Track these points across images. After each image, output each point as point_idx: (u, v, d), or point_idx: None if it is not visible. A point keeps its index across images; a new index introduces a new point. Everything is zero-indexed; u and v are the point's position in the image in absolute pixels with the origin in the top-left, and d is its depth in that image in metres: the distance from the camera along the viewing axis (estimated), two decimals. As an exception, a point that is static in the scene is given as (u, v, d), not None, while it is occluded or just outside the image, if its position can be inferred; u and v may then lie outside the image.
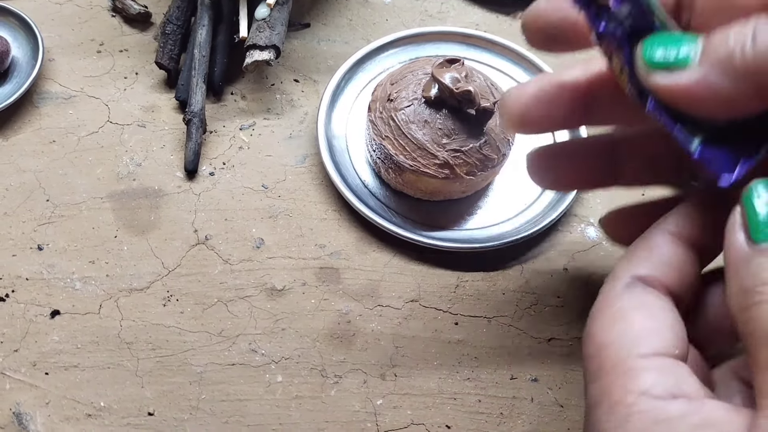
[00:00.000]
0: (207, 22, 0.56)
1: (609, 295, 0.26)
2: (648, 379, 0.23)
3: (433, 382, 0.45)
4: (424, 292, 0.49)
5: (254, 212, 0.51)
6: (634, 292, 0.26)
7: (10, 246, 0.49)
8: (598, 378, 0.24)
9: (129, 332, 0.46)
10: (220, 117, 0.56)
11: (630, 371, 0.23)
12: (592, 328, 0.26)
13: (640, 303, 0.25)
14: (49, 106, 0.55)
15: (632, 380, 0.23)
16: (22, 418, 0.43)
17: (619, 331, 0.24)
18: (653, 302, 0.25)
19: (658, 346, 0.24)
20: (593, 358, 0.25)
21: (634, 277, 0.26)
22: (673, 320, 0.25)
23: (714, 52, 0.24)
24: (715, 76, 0.23)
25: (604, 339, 0.25)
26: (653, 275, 0.26)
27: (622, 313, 0.25)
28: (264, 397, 0.44)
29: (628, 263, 0.27)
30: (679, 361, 0.24)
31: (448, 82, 0.46)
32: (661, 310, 0.25)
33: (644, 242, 0.27)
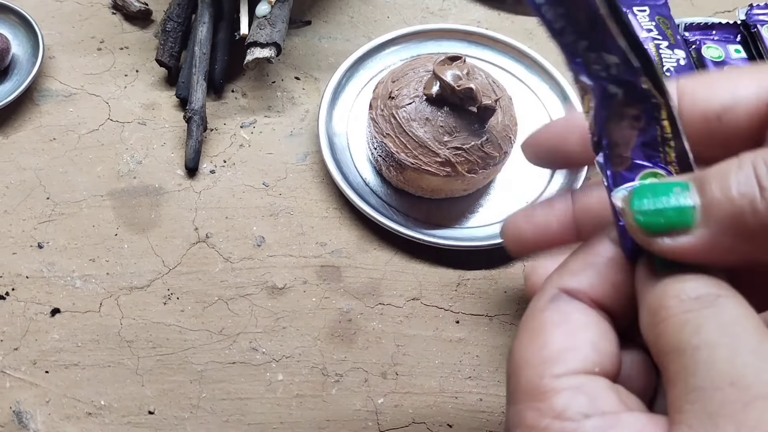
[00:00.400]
0: (208, 19, 0.56)
1: (533, 309, 0.25)
2: (560, 401, 0.22)
3: (435, 381, 0.45)
4: (425, 290, 0.48)
5: (255, 210, 0.51)
6: (557, 306, 0.24)
7: (11, 244, 0.49)
8: (514, 401, 0.23)
9: (129, 330, 0.46)
10: (220, 114, 0.56)
11: (543, 394, 0.22)
12: (514, 344, 0.25)
13: (561, 318, 0.24)
14: (49, 104, 0.55)
15: (544, 403, 0.22)
16: (23, 417, 0.43)
17: (537, 350, 0.23)
18: (576, 318, 0.24)
19: (575, 366, 0.23)
20: (511, 377, 0.24)
21: (560, 290, 0.25)
22: (597, 335, 0.24)
23: (719, 211, 0.21)
24: (727, 239, 0.21)
25: (521, 358, 0.24)
26: (580, 288, 0.25)
27: (540, 329, 0.24)
28: (265, 395, 0.44)
29: (557, 275, 0.26)
30: (595, 377, 0.23)
31: (450, 79, 0.46)
32: (583, 326, 0.24)
33: (581, 252, 0.26)
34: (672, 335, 0.22)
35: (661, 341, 0.22)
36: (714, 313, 0.21)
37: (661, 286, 0.23)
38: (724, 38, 0.61)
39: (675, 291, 0.22)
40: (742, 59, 0.59)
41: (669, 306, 0.22)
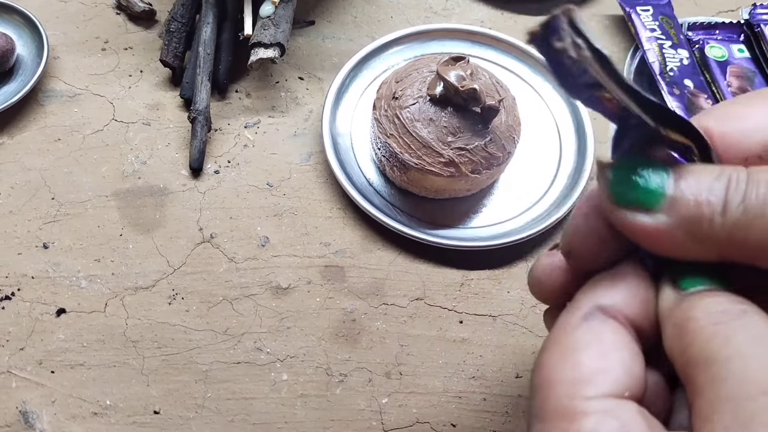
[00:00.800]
0: (212, 19, 0.56)
1: (565, 326, 0.25)
2: (590, 425, 0.22)
3: (438, 381, 0.45)
4: (429, 290, 0.49)
5: (259, 210, 0.51)
6: (591, 325, 0.24)
7: (16, 244, 0.49)
8: (541, 417, 0.23)
9: (134, 330, 0.46)
10: (224, 115, 0.56)
11: (573, 415, 0.22)
12: (543, 359, 0.25)
13: (594, 338, 0.24)
14: (54, 104, 0.55)
15: (573, 424, 0.22)
16: (29, 417, 0.43)
17: (568, 369, 0.23)
18: (609, 338, 0.24)
19: (606, 389, 0.23)
20: (539, 392, 0.24)
21: (594, 308, 0.25)
22: (629, 358, 0.24)
23: (684, 208, 0.23)
24: (680, 233, 0.23)
25: (551, 375, 0.24)
26: (615, 306, 0.25)
27: (573, 348, 0.24)
28: (269, 395, 0.44)
29: (590, 291, 0.26)
30: (626, 401, 0.23)
31: (454, 80, 0.46)
32: (616, 347, 0.24)
33: (611, 270, 0.26)
34: (701, 346, 0.22)
35: (688, 352, 0.22)
36: (742, 325, 0.22)
37: (688, 301, 0.23)
38: (728, 38, 0.61)
39: (702, 304, 0.23)
40: (745, 59, 0.59)
41: (697, 317, 0.23)
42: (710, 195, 0.22)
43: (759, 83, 0.58)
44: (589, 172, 0.52)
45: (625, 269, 0.26)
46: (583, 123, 0.55)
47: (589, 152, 0.54)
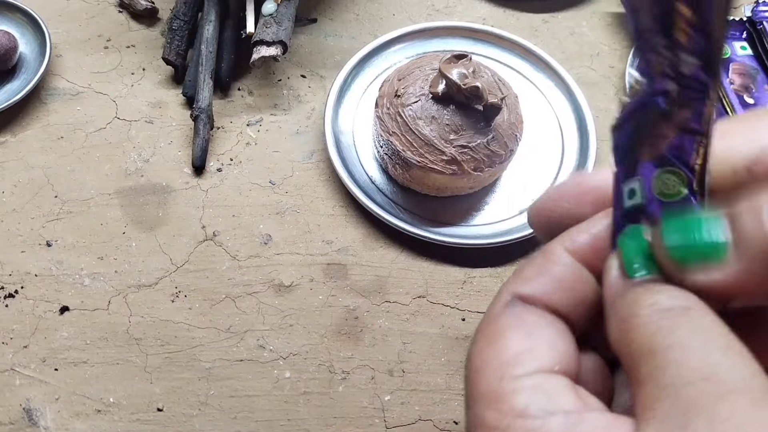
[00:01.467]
0: (214, 17, 0.56)
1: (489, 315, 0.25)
2: (521, 400, 0.22)
3: (441, 378, 0.45)
4: (431, 288, 0.49)
5: (261, 208, 0.51)
6: (512, 311, 0.25)
7: (19, 242, 0.49)
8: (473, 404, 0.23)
9: (138, 328, 0.46)
10: (227, 113, 0.56)
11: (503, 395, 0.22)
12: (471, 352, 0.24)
13: (517, 322, 0.24)
14: (56, 102, 0.55)
15: (505, 403, 0.22)
16: (33, 414, 0.43)
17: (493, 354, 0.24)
18: (531, 319, 0.24)
19: (534, 366, 0.23)
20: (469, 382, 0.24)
21: (514, 296, 0.25)
22: (554, 336, 0.24)
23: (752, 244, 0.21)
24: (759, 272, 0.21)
25: (479, 363, 0.24)
26: (534, 294, 0.25)
27: (497, 333, 0.24)
28: (272, 392, 0.44)
29: (512, 281, 0.26)
30: (554, 375, 0.23)
31: (456, 77, 0.46)
32: (539, 328, 0.24)
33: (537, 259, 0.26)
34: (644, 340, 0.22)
35: (632, 346, 0.22)
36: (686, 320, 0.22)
37: (632, 295, 0.23)
38: (730, 35, 0.61)
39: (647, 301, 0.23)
40: (747, 56, 0.59)
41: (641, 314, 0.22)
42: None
43: (761, 80, 0.58)
44: (591, 170, 0.52)
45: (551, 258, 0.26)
46: (585, 120, 0.55)
47: (591, 150, 0.54)
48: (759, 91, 0.57)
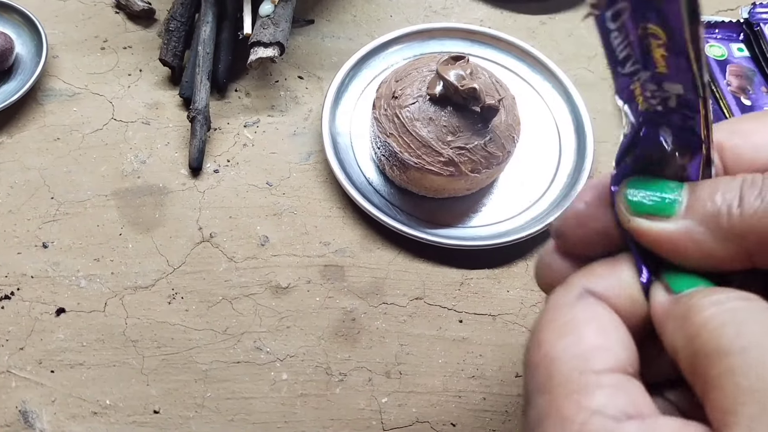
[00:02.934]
0: (211, 18, 0.56)
1: (560, 303, 0.25)
2: (601, 398, 0.22)
3: (438, 380, 0.45)
4: (428, 289, 0.49)
5: (259, 210, 0.51)
6: (587, 304, 0.25)
7: (15, 244, 0.49)
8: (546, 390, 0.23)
9: (134, 330, 0.46)
10: (224, 114, 0.56)
11: (583, 388, 0.22)
12: (541, 336, 0.25)
13: (592, 316, 0.24)
14: (53, 104, 0.55)
15: (585, 397, 0.22)
16: (29, 416, 0.43)
17: (571, 344, 0.24)
18: (606, 317, 0.25)
19: (612, 363, 0.23)
20: (540, 368, 0.24)
21: (586, 289, 0.25)
22: (626, 337, 0.24)
23: (701, 207, 0.24)
24: (701, 232, 0.24)
25: (553, 351, 0.24)
26: (606, 293, 0.25)
27: (573, 325, 0.24)
28: (269, 395, 0.44)
29: (583, 276, 0.26)
30: (632, 378, 0.23)
31: (453, 79, 0.46)
32: (613, 326, 0.24)
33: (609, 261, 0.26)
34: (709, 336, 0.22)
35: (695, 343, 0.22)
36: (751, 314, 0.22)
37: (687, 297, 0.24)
38: (727, 37, 0.61)
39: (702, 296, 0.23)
40: (744, 58, 0.59)
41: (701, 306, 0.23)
42: (725, 194, 0.23)
43: (758, 82, 0.58)
44: (589, 171, 0.52)
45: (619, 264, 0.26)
46: (582, 122, 0.55)
47: (589, 151, 0.54)
48: (756, 92, 0.57)
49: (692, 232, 0.24)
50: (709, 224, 0.23)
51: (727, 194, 0.23)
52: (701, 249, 0.24)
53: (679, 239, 0.24)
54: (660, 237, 0.25)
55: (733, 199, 0.23)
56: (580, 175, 0.52)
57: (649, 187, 0.25)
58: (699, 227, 0.24)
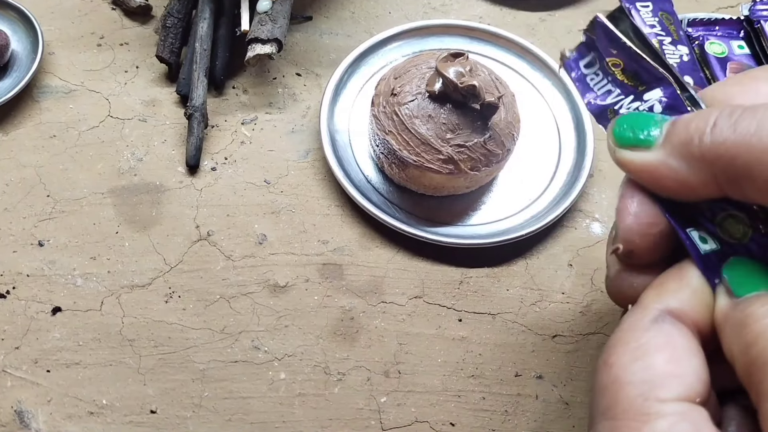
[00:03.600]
0: (208, 15, 0.56)
1: (634, 327, 0.25)
2: (663, 426, 0.22)
3: (437, 380, 0.45)
4: (428, 288, 0.48)
5: (256, 208, 0.51)
6: (661, 328, 0.25)
7: (11, 242, 0.48)
8: (611, 416, 0.23)
9: (131, 329, 0.46)
10: (221, 111, 0.55)
11: (645, 415, 0.23)
12: (611, 359, 0.25)
13: (666, 342, 0.24)
14: (49, 101, 0.55)
15: (647, 424, 0.22)
16: (24, 416, 0.42)
17: (640, 370, 0.24)
18: (680, 343, 0.25)
19: (679, 391, 0.23)
20: (607, 391, 0.24)
21: (663, 311, 0.25)
22: (698, 364, 0.24)
23: (675, 136, 0.25)
24: (674, 160, 0.25)
25: (622, 375, 0.24)
26: (683, 309, 0.25)
27: (645, 350, 0.24)
28: (267, 394, 0.44)
29: (657, 294, 0.26)
30: (697, 407, 0.23)
31: (453, 76, 0.45)
32: (687, 353, 0.24)
33: (676, 272, 0.27)
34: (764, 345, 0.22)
35: (751, 352, 0.22)
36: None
37: (745, 304, 0.24)
38: (728, 34, 0.60)
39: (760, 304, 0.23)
40: (745, 55, 0.59)
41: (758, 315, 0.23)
42: (697, 122, 0.25)
43: (759, 80, 0.57)
44: (589, 169, 0.52)
45: (687, 271, 0.27)
46: (582, 120, 0.55)
47: (589, 149, 0.53)
48: (757, 90, 0.56)
49: (667, 160, 0.25)
50: (681, 151, 0.25)
51: (701, 123, 0.24)
52: (676, 177, 0.25)
53: (656, 168, 0.25)
54: (641, 167, 0.26)
55: (706, 127, 0.24)
56: (580, 173, 0.52)
57: (635, 121, 0.27)
58: (673, 155, 0.25)
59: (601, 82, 0.31)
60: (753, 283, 0.25)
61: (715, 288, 0.26)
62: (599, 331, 0.47)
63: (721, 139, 0.23)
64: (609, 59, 0.31)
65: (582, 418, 0.44)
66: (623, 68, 0.30)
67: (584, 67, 0.32)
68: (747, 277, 0.25)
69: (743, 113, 0.23)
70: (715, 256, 0.27)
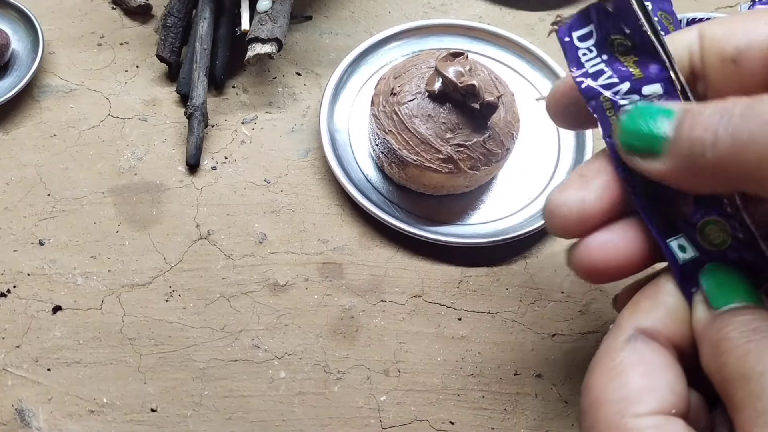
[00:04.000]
0: (208, 14, 0.56)
1: (609, 348, 0.26)
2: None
3: (437, 378, 0.45)
4: (427, 287, 0.48)
5: (256, 207, 0.51)
6: (635, 347, 0.26)
7: (11, 241, 0.48)
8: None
9: (131, 328, 0.46)
10: (221, 111, 0.56)
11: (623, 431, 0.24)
12: (590, 381, 0.26)
13: (639, 359, 0.25)
14: (49, 100, 0.55)
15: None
16: (25, 415, 0.43)
17: (616, 389, 0.25)
18: (653, 359, 0.25)
19: (654, 406, 0.24)
20: (588, 413, 0.25)
21: (636, 330, 0.26)
22: (673, 378, 0.25)
23: (682, 145, 0.25)
24: (682, 170, 0.25)
25: (599, 395, 0.25)
26: (656, 328, 0.26)
27: (620, 369, 0.25)
28: (267, 393, 0.44)
29: (631, 314, 0.27)
30: (673, 418, 0.24)
31: (452, 75, 0.45)
32: (660, 368, 0.25)
33: (651, 290, 0.27)
34: (736, 364, 0.23)
35: (725, 370, 0.23)
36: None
37: (720, 321, 0.25)
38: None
39: (734, 323, 0.24)
40: (744, 55, 0.59)
41: (730, 337, 0.24)
42: (702, 132, 0.24)
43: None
44: (588, 169, 0.52)
45: (664, 290, 0.27)
46: (581, 119, 0.55)
47: (588, 149, 0.53)
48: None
49: (677, 169, 0.25)
50: (688, 164, 0.24)
51: (703, 133, 0.24)
52: (689, 183, 0.25)
53: (667, 175, 0.25)
54: (653, 173, 0.26)
55: (709, 139, 0.23)
56: (580, 172, 0.52)
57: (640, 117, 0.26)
58: (680, 165, 0.25)
59: (593, 60, 0.29)
60: (729, 293, 0.25)
61: (692, 298, 0.26)
62: (598, 330, 0.47)
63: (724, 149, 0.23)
64: (615, 37, 0.29)
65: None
66: (629, 49, 0.29)
67: (578, 39, 0.30)
68: (723, 286, 0.26)
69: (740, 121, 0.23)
70: (692, 265, 0.27)
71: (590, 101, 0.29)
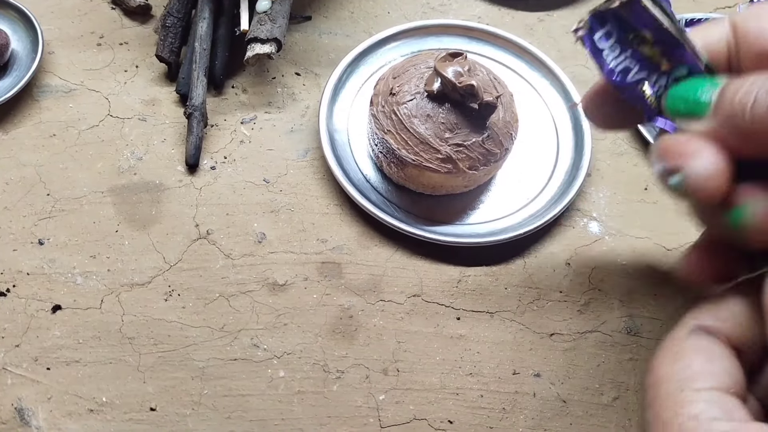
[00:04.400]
0: (208, 14, 0.56)
1: (673, 338, 0.29)
2: (698, 407, 0.25)
3: (436, 377, 0.45)
4: (426, 287, 0.49)
5: (256, 207, 0.51)
6: (698, 337, 0.28)
7: (11, 241, 0.48)
8: (652, 405, 0.27)
9: (131, 327, 0.46)
10: (221, 111, 0.56)
11: (682, 401, 0.26)
12: (655, 363, 0.28)
13: (700, 347, 0.28)
14: (49, 100, 0.55)
15: (683, 407, 0.26)
16: (24, 414, 0.43)
17: (678, 368, 0.27)
18: (713, 348, 0.28)
19: (712, 384, 0.26)
20: (651, 388, 0.28)
21: (698, 326, 0.29)
22: (731, 367, 0.27)
23: (723, 108, 0.27)
24: (724, 131, 0.27)
25: (662, 373, 0.28)
26: (717, 326, 0.28)
27: (683, 353, 0.28)
28: (266, 392, 0.44)
29: (695, 312, 0.30)
30: (730, 396, 0.26)
31: (451, 76, 0.46)
32: (719, 356, 0.27)
33: (716, 295, 0.30)
34: None
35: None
36: None
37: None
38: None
39: None
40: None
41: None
42: (742, 96, 0.27)
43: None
44: (587, 169, 0.52)
45: (729, 296, 0.29)
46: (580, 119, 0.55)
47: (587, 149, 0.53)
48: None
49: (718, 132, 0.27)
50: (729, 125, 0.27)
51: (744, 96, 0.26)
52: (728, 145, 0.27)
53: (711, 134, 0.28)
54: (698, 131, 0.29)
55: (748, 101, 0.26)
56: (578, 172, 0.52)
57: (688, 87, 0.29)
58: (722, 127, 0.27)
59: (619, 57, 0.32)
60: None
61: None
62: (596, 329, 0.47)
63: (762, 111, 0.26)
64: (635, 33, 0.31)
65: (579, 416, 0.44)
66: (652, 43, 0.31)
67: (600, 39, 0.32)
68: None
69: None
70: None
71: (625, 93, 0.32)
